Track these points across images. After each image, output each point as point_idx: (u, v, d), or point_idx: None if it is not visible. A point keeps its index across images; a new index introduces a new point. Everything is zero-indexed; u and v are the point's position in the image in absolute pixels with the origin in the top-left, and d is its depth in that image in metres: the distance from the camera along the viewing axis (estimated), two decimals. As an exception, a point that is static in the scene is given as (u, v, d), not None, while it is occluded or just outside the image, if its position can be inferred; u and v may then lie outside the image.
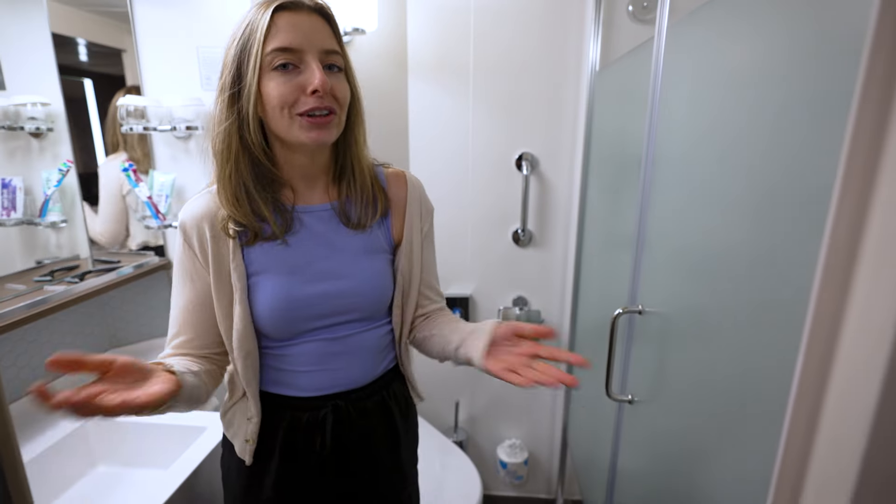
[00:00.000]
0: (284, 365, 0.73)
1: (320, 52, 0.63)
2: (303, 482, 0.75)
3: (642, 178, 0.93)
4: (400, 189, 0.78)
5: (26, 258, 1.17)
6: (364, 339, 0.75)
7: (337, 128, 0.67)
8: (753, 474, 0.55)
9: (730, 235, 0.63)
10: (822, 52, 0.45)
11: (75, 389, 0.48)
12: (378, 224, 0.75)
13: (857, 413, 0.26)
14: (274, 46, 0.61)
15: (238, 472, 0.76)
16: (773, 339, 0.52)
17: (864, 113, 0.27)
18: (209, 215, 0.68)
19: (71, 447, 1.00)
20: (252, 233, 0.68)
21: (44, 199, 1.18)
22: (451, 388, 1.85)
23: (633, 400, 0.98)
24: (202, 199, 0.70)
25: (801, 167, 0.48)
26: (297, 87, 0.62)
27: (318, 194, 0.73)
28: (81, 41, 1.26)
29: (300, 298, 0.70)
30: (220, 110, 0.66)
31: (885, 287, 0.25)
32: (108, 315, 1.33)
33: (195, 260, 0.70)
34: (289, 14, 0.62)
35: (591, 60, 1.46)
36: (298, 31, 0.62)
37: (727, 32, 0.65)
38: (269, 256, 0.70)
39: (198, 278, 0.70)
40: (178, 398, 0.61)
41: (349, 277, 0.72)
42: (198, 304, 0.71)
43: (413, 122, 1.65)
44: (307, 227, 0.71)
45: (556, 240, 1.68)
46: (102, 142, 1.32)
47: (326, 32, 0.64)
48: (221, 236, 0.68)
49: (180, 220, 0.70)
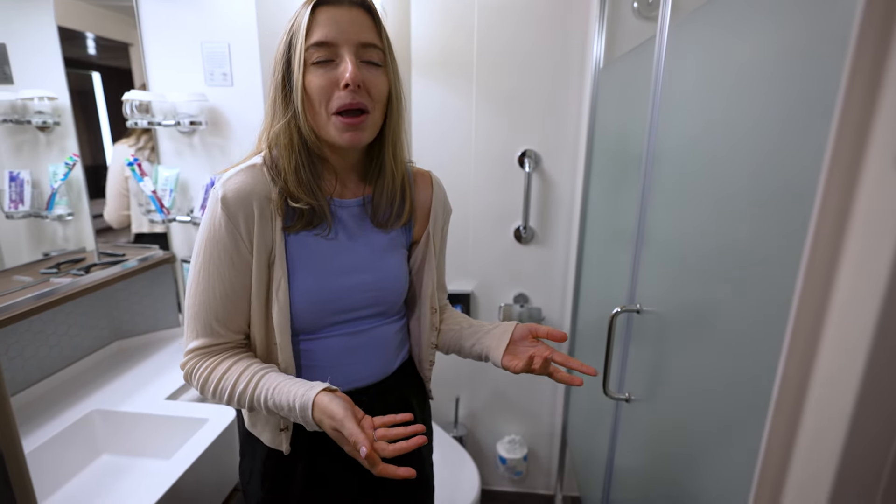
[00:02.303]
0: (307, 360, 0.72)
1: (357, 45, 0.63)
2: (331, 480, 0.75)
3: (642, 177, 0.93)
4: (425, 189, 0.80)
5: (33, 250, 1.19)
6: (382, 333, 0.76)
7: (371, 128, 0.66)
8: (746, 470, 0.56)
9: (727, 235, 0.63)
10: (823, 51, 0.45)
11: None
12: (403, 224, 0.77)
13: (835, 413, 0.26)
14: (312, 42, 0.62)
15: (262, 476, 0.75)
16: (767, 338, 0.52)
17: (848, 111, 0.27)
18: (258, 194, 0.65)
19: (75, 437, 1.01)
20: (306, 220, 0.67)
21: (51, 193, 1.20)
22: (451, 384, 1.86)
23: (630, 398, 0.99)
24: (248, 175, 0.66)
25: (801, 167, 0.48)
26: (331, 82, 0.62)
27: (351, 189, 0.73)
28: (90, 35, 1.27)
29: (332, 290, 0.70)
30: (276, 106, 0.66)
31: (864, 289, 0.26)
32: (114, 307, 1.34)
33: (240, 243, 0.65)
34: (329, 9, 0.62)
35: (595, 57, 1.45)
36: (335, 24, 0.62)
37: (729, 31, 0.65)
38: (307, 247, 0.69)
39: (240, 262, 0.65)
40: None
41: (372, 272, 0.73)
42: (239, 290, 0.67)
43: (416, 119, 1.65)
44: (339, 220, 0.72)
45: (557, 237, 1.68)
46: (111, 136, 1.34)
47: (366, 25, 0.64)
48: (267, 219, 0.65)
49: (222, 195, 0.64)
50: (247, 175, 0.66)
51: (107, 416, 1.07)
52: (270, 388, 0.63)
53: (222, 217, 0.64)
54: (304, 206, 0.66)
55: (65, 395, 1.12)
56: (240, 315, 0.68)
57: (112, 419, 1.07)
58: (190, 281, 0.68)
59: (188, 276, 0.75)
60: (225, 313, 0.67)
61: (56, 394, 1.13)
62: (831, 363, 0.28)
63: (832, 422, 0.27)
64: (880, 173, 0.24)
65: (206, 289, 0.66)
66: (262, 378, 0.65)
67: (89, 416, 1.05)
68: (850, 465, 0.27)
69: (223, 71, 1.27)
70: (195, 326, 0.67)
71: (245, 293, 0.67)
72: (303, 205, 0.66)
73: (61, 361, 1.19)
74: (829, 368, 0.28)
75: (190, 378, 0.69)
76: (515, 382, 1.82)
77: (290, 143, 0.66)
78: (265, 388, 0.64)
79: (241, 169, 0.67)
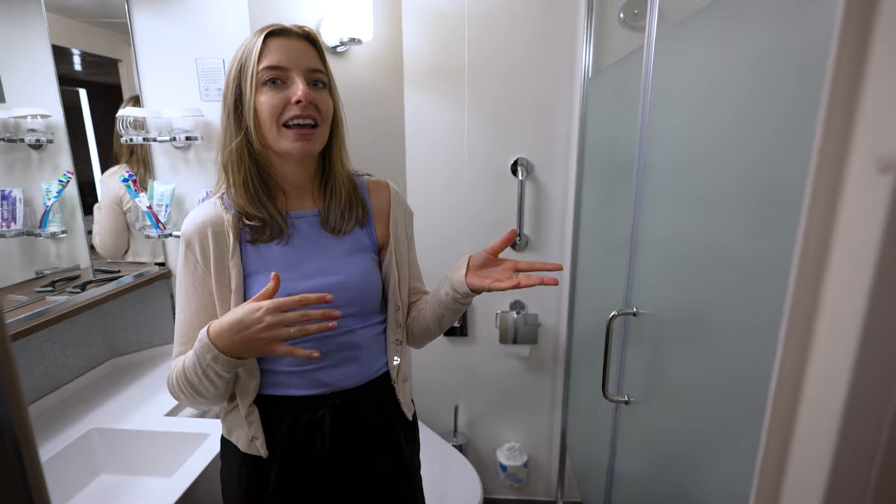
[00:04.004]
0: (280, 366, 0.76)
1: (305, 70, 0.71)
2: (305, 484, 0.77)
3: (634, 183, 0.95)
4: (382, 196, 0.84)
5: (26, 269, 1.18)
6: (356, 338, 0.78)
7: (320, 140, 0.74)
8: (746, 471, 0.57)
9: (719, 238, 0.64)
10: (806, 58, 0.47)
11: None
12: (360, 229, 0.81)
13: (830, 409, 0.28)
14: (265, 65, 0.70)
15: (238, 479, 0.77)
16: (762, 340, 0.54)
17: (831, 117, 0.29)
18: (212, 220, 0.74)
19: (73, 457, 1.00)
20: (257, 231, 0.74)
21: (44, 210, 1.19)
22: (450, 393, 1.86)
23: (629, 400, 1.00)
24: (203, 209, 0.76)
25: (789, 171, 0.50)
26: (284, 99, 0.70)
27: (307, 201, 0.80)
28: (76, 51, 1.28)
29: (295, 293, 0.71)
30: (229, 126, 0.73)
31: (852, 290, 0.27)
32: (109, 324, 1.33)
33: (197, 267, 0.74)
34: (279, 39, 0.71)
35: (583, 66, 1.48)
36: (286, 52, 0.70)
37: (714, 41, 0.67)
38: (265, 256, 0.75)
39: (202, 288, 0.74)
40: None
41: (338, 273, 0.77)
42: (204, 316, 0.74)
43: (409, 130, 1.67)
44: (298, 230, 0.78)
45: (552, 244, 1.70)
46: (98, 152, 1.33)
47: (312, 55, 0.73)
48: (223, 239, 0.74)
49: (183, 232, 0.75)
50: (203, 208, 0.76)
51: (105, 434, 1.05)
52: (189, 353, 0.70)
53: (182, 247, 0.75)
54: (257, 224, 0.74)
55: (61, 415, 1.11)
56: None
57: (110, 437, 1.05)
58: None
59: None
60: (193, 331, 0.73)
61: (52, 413, 1.11)
62: (824, 360, 0.29)
63: (828, 417, 0.28)
64: (863, 177, 0.26)
65: (179, 311, 0.76)
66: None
67: (87, 434, 1.04)
68: (843, 462, 0.28)
69: (218, 86, 1.28)
70: (175, 346, 0.76)
71: (211, 312, 0.74)
72: (256, 222, 0.73)
73: (57, 380, 1.18)
74: (822, 365, 0.29)
75: (168, 387, 0.74)
76: (514, 389, 1.83)
77: (241, 159, 0.73)
78: (187, 355, 0.70)
79: (201, 205, 0.77)
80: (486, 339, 1.80)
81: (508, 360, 1.81)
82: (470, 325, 1.80)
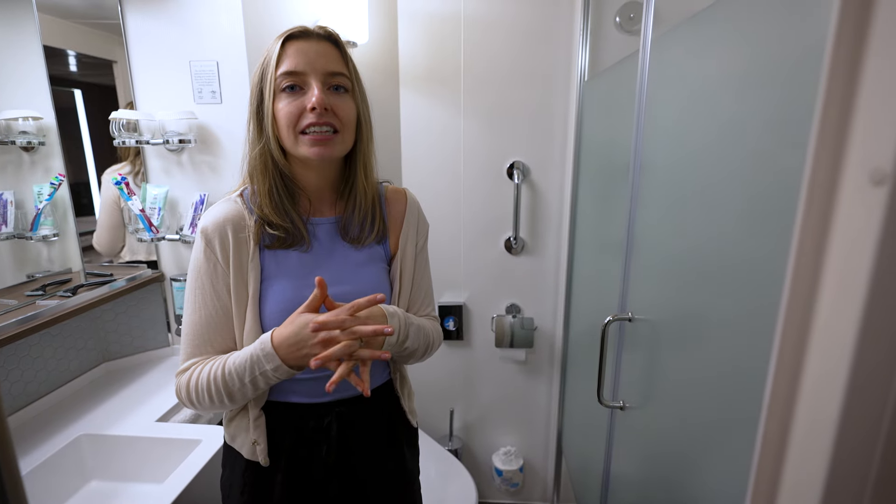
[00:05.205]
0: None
1: (324, 74, 0.69)
2: (309, 491, 0.76)
3: (630, 187, 0.95)
4: (399, 204, 0.83)
5: (17, 273, 1.17)
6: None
7: (341, 145, 0.72)
8: (742, 477, 0.56)
9: (715, 243, 0.64)
10: (801, 62, 0.47)
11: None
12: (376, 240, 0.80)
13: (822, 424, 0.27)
14: (282, 70, 0.68)
15: (242, 486, 0.76)
16: (757, 345, 0.54)
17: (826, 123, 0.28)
18: (233, 220, 0.72)
19: (62, 463, 0.99)
20: (279, 241, 0.73)
21: (35, 213, 1.18)
22: (445, 397, 1.86)
23: (624, 406, 1.00)
24: (224, 206, 0.74)
25: (784, 175, 0.50)
26: (300, 106, 0.68)
27: (327, 207, 0.79)
28: (71, 52, 1.27)
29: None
30: (253, 133, 0.72)
31: (846, 297, 0.27)
32: (101, 328, 1.32)
33: (217, 266, 0.72)
34: (298, 42, 0.69)
35: (579, 70, 1.49)
36: (303, 55, 0.68)
37: (710, 46, 0.67)
38: (283, 262, 0.74)
39: (223, 288, 0.72)
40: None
41: (351, 283, 0.75)
42: (223, 318, 0.72)
43: (405, 133, 1.66)
44: (316, 237, 0.77)
45: (548, 247, 1.69)
46: (93, 153, 1.32)
47: (333, 56, 0.70)
48: (243, 241, 0.72)
49: (202, 227, 0.72)
50: (224, 206, 0.74)
51: (95, 440, 1.04)
52: (232, 356, 0.69)
53: (201, 244, 0.72)
54: (280, 234, 0.72)
55: (51, 420, 1.10)
56: (226, 333, 0.73)
57: (101, 443, 1.04)
58: (184, 308, 0.74)
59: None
60: (210, 333, 0.72)
61: (42, 419, 1.10)
62: (820, 368, 0.29)
63: (823, 422, 0.28)
64: (857, 190, 0.26)
65: (192, 312, 0.72)
66: (227, 356, 0.70)
67: (77, 440, 1.03)
68: (839, 470, 0.28)
69: (212, 89, 1.27)
70: (186, 348, 0.73)
71: (229, 313, 0.73)
72: (280, 232, 0.72)
73: (48, 385, 1.17)
74: (818, 372, 0.29)
75: (179, 393, 0.72)
76: (510, 393, 1.82)
77: (265, 167, 0.72)
78: (227, 359, 0.69)
79: (221, 202, 0.75)
80: (482, 343, 1.80)
81: (504, 363, 1.80)
82: (466, 329, 1.79)
